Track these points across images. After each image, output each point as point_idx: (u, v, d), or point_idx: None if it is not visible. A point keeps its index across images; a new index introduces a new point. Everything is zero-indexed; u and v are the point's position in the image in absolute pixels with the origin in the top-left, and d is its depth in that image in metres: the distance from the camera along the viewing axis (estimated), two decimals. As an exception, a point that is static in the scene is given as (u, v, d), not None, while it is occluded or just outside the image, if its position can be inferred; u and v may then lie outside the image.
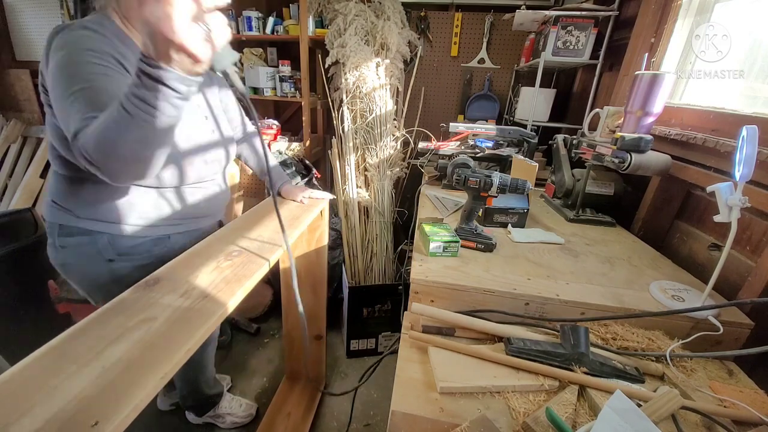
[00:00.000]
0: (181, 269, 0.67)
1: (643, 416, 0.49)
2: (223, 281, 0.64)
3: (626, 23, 1.55)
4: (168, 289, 0.60)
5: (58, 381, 0.41)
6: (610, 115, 1.24)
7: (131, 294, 0.58)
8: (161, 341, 0.48)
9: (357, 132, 1.86)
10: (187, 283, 0.62)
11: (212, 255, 0.73)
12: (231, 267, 0.69)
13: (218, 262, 0.71)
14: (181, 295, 0.59)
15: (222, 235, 0.83)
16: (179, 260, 0.71)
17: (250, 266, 0.70)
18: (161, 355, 0.46)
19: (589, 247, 1.04)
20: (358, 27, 1.76)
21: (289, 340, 1.44)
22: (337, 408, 1.49)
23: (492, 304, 0.78)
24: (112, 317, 0.52)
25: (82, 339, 0.48)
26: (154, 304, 0.56)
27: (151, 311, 0.54)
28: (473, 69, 2.24)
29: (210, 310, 0.56)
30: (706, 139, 0.94)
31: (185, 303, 0.57)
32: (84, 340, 0.47)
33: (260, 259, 0.73)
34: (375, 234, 1.94)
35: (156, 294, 0.59)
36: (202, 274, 0.66)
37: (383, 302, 1.71)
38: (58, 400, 0.39)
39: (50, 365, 0.43)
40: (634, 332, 0.72)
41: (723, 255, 0.68)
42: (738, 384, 0.64)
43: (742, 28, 1.00)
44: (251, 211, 1.00)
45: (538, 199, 1.48)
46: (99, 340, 0.48)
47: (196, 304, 0.57)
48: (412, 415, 0.56)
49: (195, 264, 0.69)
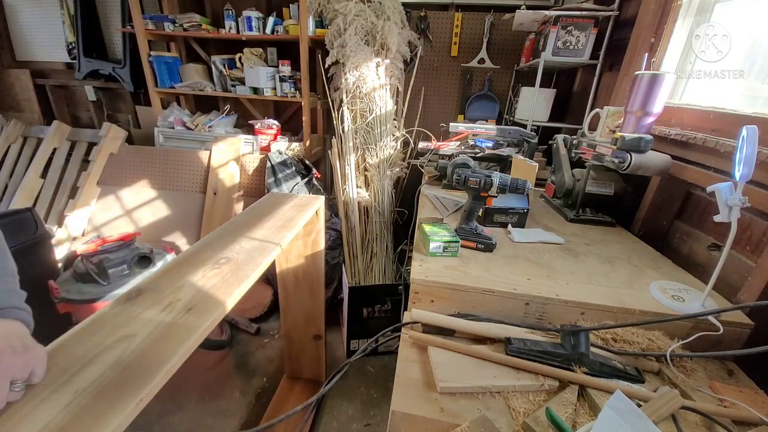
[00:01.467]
0: (166, 279, 0.64)
1: (643, 416, 0.49)
2: (210, 290, 0.61)
3: (626, 23, 1.55)
4: (150, 302, 0.58)
5: (28, 409, 0.39)
6: (610, 115, 1.24)
7: (111, 309, 0.56)
8: (139, 360, 0.46)
9: (357, 132, 1.86)
10: (171, 295, 0.60)
11: (200, 263, 0.70)
12: (219, 275, 0.66)
13: (204, 271, 0.67)
14: (163, 308, 0.56)
15: (211, 240, 0.79)
16: (164, 270, 0.68)
17: (239, 273, 0.67)
18: (138, 377, 0.44)
19: (589, 247, 1.04)
20: (358, 27, 1.76)
21: (288, 340, 1.44)
22: (337, 408, 1.49)
23: (492, 304, 0.78)
24: (89, 336, 0.50)
25: (56, 359, 0.45)
26: (134, 319, 0.54)
27: (130, 327, 0.52)
28: (473, 69, 2.24)
29: (193, 325, 0.53)
30: (706, 139, 0.94)
31: (167, 317, 0.54)
32: (57, 361, 0.45)
33: (250, 266, 0.69)
34: (375, 234, 1.94)
35: (137, 308, 0.56)
36: (188, 284, 0.63)
37: (383, 302, 1.70)
38: (26, 431, 0.37)
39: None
40: (634, 332, 0.72)
41: (723, 255, 0.68)
42: (738, 384, 0.64)
43: (742, 28, 1.00)
44: (247, 210, 0.98)
45: (538, 199, 1.48)
46: (73, 362, 0.45)
47: (179, 319, 0.54)
48: (412, 415, 0.56)
49: (181, 273, 0.66)
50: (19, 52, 2.67)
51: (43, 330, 0.50)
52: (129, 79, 2.44)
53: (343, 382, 1.63)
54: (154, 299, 0.59)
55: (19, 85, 2.63)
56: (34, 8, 2.53)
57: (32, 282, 1.52)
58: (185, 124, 2.27)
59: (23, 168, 2.41)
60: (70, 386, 0.42)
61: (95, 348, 0.48)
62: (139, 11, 2.07)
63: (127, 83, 2.45)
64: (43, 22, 2.54)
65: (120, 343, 0.49)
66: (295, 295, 1.32)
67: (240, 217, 0.94)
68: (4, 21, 2.59)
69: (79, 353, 0.47)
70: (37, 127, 2.50)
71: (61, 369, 0.44)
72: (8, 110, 2.70)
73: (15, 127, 2.49)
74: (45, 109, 2.70)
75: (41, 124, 2.62)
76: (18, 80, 2.62)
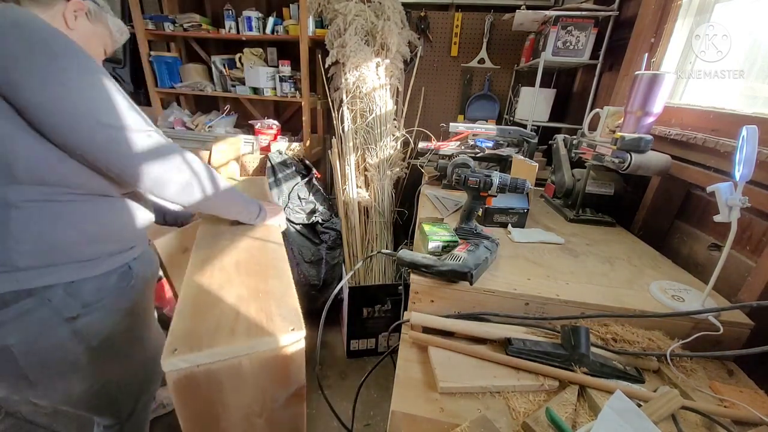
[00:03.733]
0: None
1: (643, 416, 0.49)
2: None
3: (626, 23, 1.55)
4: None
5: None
6: (610, 115, 1.24)
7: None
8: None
9: (357, 132, 1.86)
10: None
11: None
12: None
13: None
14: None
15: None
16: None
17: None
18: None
19: (589, 247, 1.04)
20: (358, 27, 1.76)
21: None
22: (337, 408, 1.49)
23: (492, 304, 0.78)
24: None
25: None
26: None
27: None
28: (473, 69, 2.24)
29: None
30: (706, 139, 0.94)
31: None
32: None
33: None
34: (375, 234, 1.94)
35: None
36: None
37: (383, 302, 1.71)
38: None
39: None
40: (634, 332, 0.72)
41: (723, 255, 0.68)
42: (738, 384, 0.64)
43: (742, 28, 1.00)
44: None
45: (538, 199, 1.48)
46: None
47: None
48: (412, 415, 0.56)
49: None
50: (19, 52, 2.67)
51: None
52: (129, 79, 2.44)
53: (343, 382, 1.63)
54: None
55: (19, 85, 2.63)
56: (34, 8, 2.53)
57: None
58: (185, 124, 2.27)
59: (23, 168, 2.42)
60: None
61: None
62: (139, 11, 2.07)
63: (127, 83, 2.45)
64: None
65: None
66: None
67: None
68: (4, 21, 2.59)
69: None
70: (37, 127, 2.50)
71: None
72: (8, 110, 2.70)
73: (15, 127, 2.50)
74: (45, 109, 2.70)
75: (41, 124, 2.62)
76: (18, 80, 2.62)
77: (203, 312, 0.64)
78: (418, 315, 0.73)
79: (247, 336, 0.60)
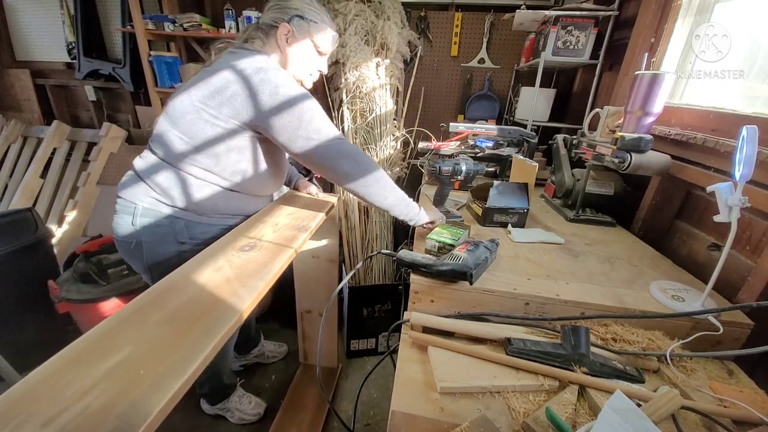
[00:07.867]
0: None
1: (643, 416, 0.49)
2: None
3: (626, 23, 1.55)
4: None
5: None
6: (610, 115, 1.24)
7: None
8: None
9: (357, 132, 1.86)
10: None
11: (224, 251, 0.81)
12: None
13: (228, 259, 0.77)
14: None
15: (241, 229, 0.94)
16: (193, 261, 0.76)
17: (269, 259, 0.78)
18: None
19: (589, 247, 1.04)
20: (358, 27, 1.76)
21: (303, 326, 1.53)
22: (338, 408, 1.50)
23: (492, 304, 0.78)
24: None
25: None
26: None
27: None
28: (473, 69, 2.24)
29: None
30: (706, 139, 0.94)
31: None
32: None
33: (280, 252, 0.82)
34: (375, 234, 1.94)
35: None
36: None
37: (383, 302, 1.70)
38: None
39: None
40: (634, 332, 0.72)
41: (723, 255, 0.68)
42: (738, 384, 0.64)
43: (742, 28, 1.00)
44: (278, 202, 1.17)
45: (538, 199, 1.48)
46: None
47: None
48: (412, 415, 0.56)
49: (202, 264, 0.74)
50: (19, 51, 2.67)
51: (43, 330, 0.50)
52: (129, 79, 2.43)
53: (342, 382, 1.63)
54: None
55: (19, 84, 2.62)
56: (34, 8, 2.53)
57: (32, 282, 1.52)
58: (185, 124, 2.27)
59: (23, 168, 2.41)
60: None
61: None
62: (139, 11, 2.07)
63: (127, 83, 2.45)
64: (43, 22, 2.54)
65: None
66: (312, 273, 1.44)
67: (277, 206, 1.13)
68: (4, 21, 2.58)
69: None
70: (37, 127, 2.50)
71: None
72: (8, 110, 2.69)
73: (15, 127, 2.49)
74: (45, 109, 2.69)
75: (41, 124, 2.61)
76: (18, 80, 2.61)
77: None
78: (418, 315, 0.73)
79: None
